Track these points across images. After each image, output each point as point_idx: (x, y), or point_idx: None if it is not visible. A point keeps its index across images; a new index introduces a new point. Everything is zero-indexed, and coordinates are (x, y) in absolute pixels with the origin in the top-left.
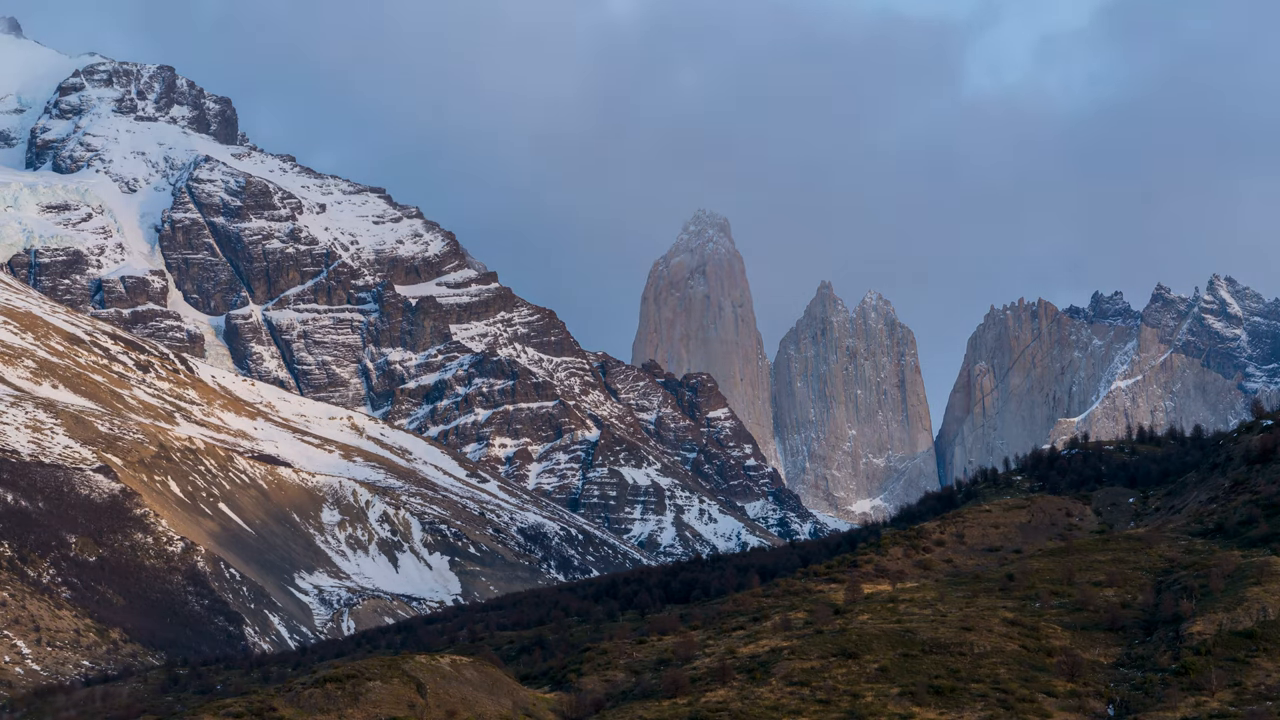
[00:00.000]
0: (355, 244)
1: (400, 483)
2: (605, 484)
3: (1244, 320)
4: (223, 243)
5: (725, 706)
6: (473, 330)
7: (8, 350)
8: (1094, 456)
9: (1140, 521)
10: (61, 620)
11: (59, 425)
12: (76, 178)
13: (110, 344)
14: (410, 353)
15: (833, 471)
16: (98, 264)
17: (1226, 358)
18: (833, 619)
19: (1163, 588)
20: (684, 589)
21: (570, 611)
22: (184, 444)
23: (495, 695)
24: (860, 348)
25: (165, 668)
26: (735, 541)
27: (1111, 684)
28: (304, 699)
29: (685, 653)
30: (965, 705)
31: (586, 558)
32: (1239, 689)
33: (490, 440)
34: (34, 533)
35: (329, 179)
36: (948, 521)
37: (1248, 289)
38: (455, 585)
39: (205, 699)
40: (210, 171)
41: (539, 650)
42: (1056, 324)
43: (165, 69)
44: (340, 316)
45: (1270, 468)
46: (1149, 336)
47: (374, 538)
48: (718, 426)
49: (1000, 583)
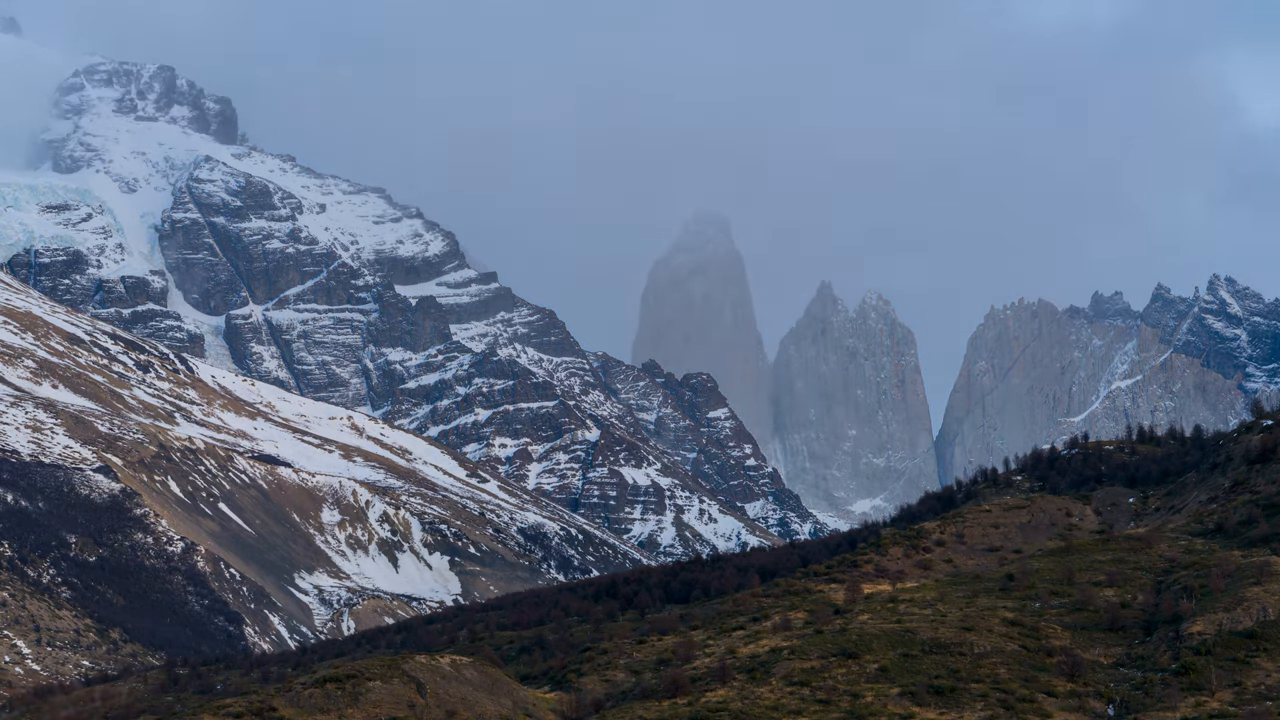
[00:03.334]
0: (355, 244)
1: (400, 483)
2: (605, 484)
3: (1244, 320)
4: (223, 243)
5: (725, 706)
6: (473, 330)
7: (8, 350)
8: (1094, 456)
9: (1140, 521)
10: (61, 620)
11: (59, 425)
12: (76, 178)
13: (110, 344)
14: (410, 353)
15: (833, 471)
16: (98, 264)
17: (1226, 358)
18: (833, 619)
19: (1163, 588)
20: (684, 589)
21: (570, 611)
22: (184, 444)
23: (495, 695)
24: (860, 348)
25: (165, 668)
26: (735, 541)
27: (1111, 684)
28: (304, 699)
29: (685, 653)
30: (965, 705)
31: (586, 558)
32: (1239, 689)
33: (490, 440)
34: (34, 533)
35: (329, 179)
36: (948, 521)
37: (1248, 289)
38: (455, 585)
39: (205, 699)
40: (210, 171)
41: (539, 650)
42: (1056, 324)
43: (165, 69)
44: (340, 316)
45: (1270, 468)
46: (1149, 336)
47: (374, 538)
48: (718, 426)
49: (1000, 583)
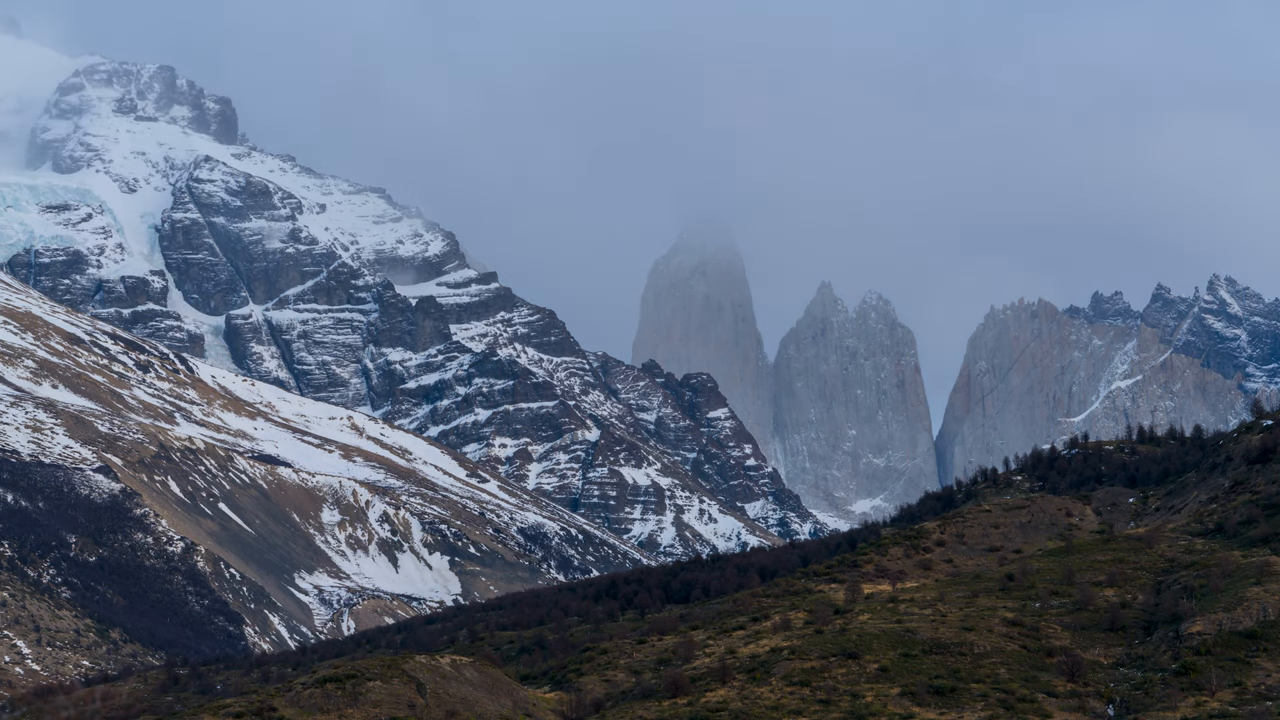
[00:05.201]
0: (355, 244)
1: (400, 483)
2: (605, 484)
3: (1244, 320)
4: (223, 243)
5: (725, 706)
6: (473, 330)
7: (8, 350)
8: (1094, 456)
9: (1140, 521)
10: (61, 620)
11: (59, 425)
12: (76, 178)
13: (110, 344)
14: (410, 353)
15: (833, 471)
16: (98, 264)
17: (1226, 358)
18: (833, 619)
19: (1163, 588)
20: (684, 589)
21: (570, 611)
22: (184, 444)
23: (495, 695)
24: (860, 348)
25: (165, 668)
26: (735, 541)
27: (1112, 684)
28: (304, 699)
29: (685, 653)
30: (966, 705)
31: (586, 558)
32: (1239, 689)
33: (490, 440)
34: (34, 533)
35: (329, 179)
36: (948, 521)
37: (1248, 289)
38: (455, 585)
39: (205, 699)
40: (210, 171)
41: (539, 650)
42: (1056, 324)
43: (165, 69)
44: (340, 316)
45: (1270, 468)
46: (1149, 336)
47: (374, 538)
48: (718, 426)
49: (1000, 583)
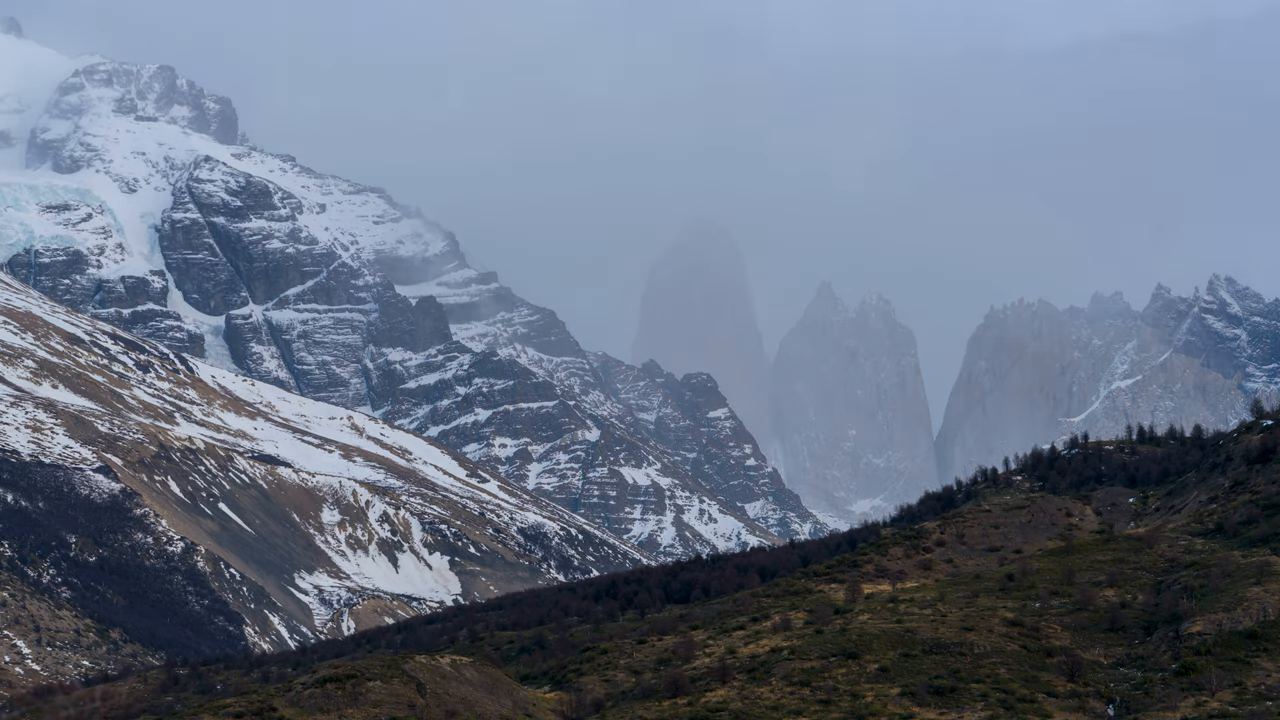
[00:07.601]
0: (355, 244)
1: (400, 483)
2: (605, 484)
3: (1244, 320)
4: (223, 243)
5: (725, 706)
6: (473, 330)
7: (8, 350)
8: (1094, 456)
9: (1140, 521)
10: (61, 620)
11: (59, 425)
12: (76, 178)
13: (110, 344)
14: (410, 353)
15: (833, 471)
16: (98, 264)
17: (1226, 358)
18: (833, 619)
19: (1163, 588)
20: (684, 589)
21: (570, 611)
22: (184, 444)
23: (495, 695)
24: (860, 348)
25: (165, 668)
26: (735, 541)
27: (1112, 684)
28: (304, 699)
29: (685, 653)
30: (966, 705)
31: (586, 558)
32: (1239, 689)
33: (490, 440)
34: (34, 533)
35: (329, 179)
36: (948, 521)
37: (1248, 289)
38: (455, 585)
39: (205, 699)
40: (210, 171)
41: (539, 650)
42: (1056, 324)
43: (165, 69)
44: (340, 316)
45: (1270, 468)
46: (1149, 336)
47: (374, 538)
48: (718, 426)
49: (1000, 583)
